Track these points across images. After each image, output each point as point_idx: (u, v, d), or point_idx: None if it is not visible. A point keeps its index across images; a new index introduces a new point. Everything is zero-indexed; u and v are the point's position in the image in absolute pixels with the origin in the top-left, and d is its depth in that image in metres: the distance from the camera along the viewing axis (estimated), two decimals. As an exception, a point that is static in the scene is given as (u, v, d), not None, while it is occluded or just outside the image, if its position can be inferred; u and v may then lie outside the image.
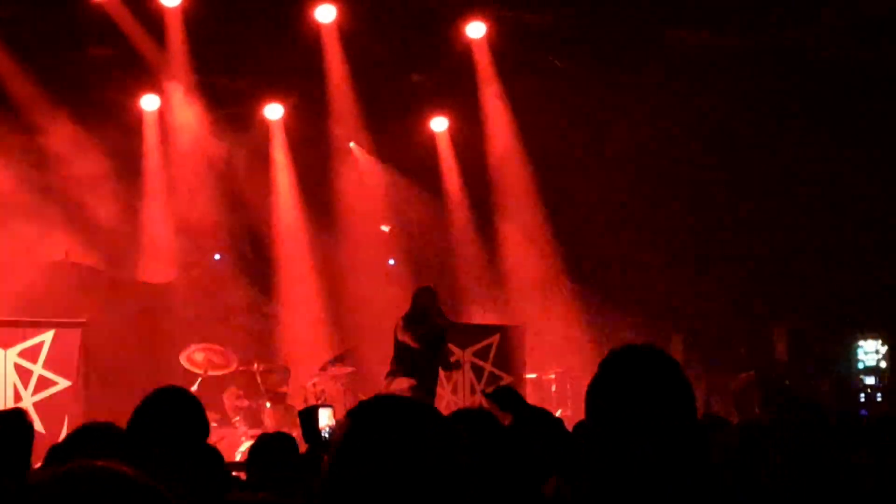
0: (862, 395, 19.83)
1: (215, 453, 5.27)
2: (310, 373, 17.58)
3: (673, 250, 19.58)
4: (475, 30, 19.67)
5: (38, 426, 6.81)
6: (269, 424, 16.17)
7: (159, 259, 19.94)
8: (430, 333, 14.18)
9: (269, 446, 6.84)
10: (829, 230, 19.21)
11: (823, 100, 18.86)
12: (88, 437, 5.18)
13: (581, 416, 3.65)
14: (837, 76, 18.71)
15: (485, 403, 18.67)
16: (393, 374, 14.32)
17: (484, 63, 19.95)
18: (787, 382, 19.10)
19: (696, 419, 3.26)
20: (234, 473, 10.74)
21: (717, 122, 18.93)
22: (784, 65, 18.82)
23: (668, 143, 19.47)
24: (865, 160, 18.74)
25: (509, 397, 6.31)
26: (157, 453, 4.59)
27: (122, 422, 4.96)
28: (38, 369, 16.38)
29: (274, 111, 20.61)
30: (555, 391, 19.78)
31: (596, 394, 3.29)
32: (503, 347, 18.65)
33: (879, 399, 19.91)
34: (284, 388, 17.60)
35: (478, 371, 18.41)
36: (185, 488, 4.38)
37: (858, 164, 18.79)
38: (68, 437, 5.43)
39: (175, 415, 4.82)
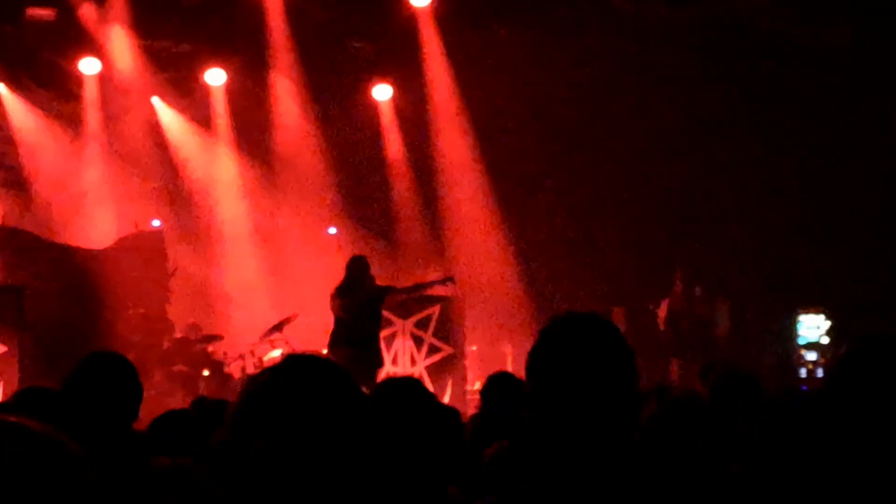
0: (803, 370, 19.83)
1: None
2: (249, 341, 17.51)
3: (617, 223, 19.60)
4: (419, -2, 19.58)
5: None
6: (207, 392, 16.06)
7: (97, 224, 19.77)
8: (360, 302, 14.09)
9: (201, 411, 6.76)
10: (770, 205, 19.25)
11: (767, 72, 18.92)
12: (29, 399, 5.10)
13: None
14: (776, 49, 18.79)
15: (425, 375, 18.52)
16: (332, 345, 14.22)
17: (428, 31, 19.84)
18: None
19: (637, 386, 3.21)
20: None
21: (660, 89, 18.93)
22: (726, 35, 18.87)
23: (612, 110, 19.47)
24: (805, 134, 18.81)
25: None
26: (89, 417, 4.55)
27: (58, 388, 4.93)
28: (-27, 335, 16.24)
29: (216, 76, 20.38)
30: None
31: (536, 361, 3.24)
32: (444, 318, 18.62)
33: (820, 375, 19.91)
34: (223, 357, 17.51)
35: (418, 341, 18.38)
36: (116, 452, 4.34)
37: (798, 138, 18.86)
38: (8, 400, 5.36)
39: (108, 379, 4.77)
